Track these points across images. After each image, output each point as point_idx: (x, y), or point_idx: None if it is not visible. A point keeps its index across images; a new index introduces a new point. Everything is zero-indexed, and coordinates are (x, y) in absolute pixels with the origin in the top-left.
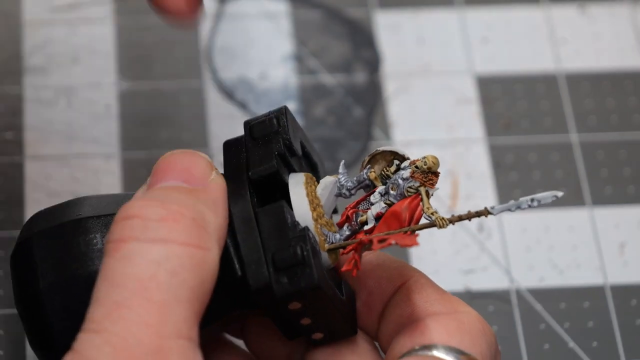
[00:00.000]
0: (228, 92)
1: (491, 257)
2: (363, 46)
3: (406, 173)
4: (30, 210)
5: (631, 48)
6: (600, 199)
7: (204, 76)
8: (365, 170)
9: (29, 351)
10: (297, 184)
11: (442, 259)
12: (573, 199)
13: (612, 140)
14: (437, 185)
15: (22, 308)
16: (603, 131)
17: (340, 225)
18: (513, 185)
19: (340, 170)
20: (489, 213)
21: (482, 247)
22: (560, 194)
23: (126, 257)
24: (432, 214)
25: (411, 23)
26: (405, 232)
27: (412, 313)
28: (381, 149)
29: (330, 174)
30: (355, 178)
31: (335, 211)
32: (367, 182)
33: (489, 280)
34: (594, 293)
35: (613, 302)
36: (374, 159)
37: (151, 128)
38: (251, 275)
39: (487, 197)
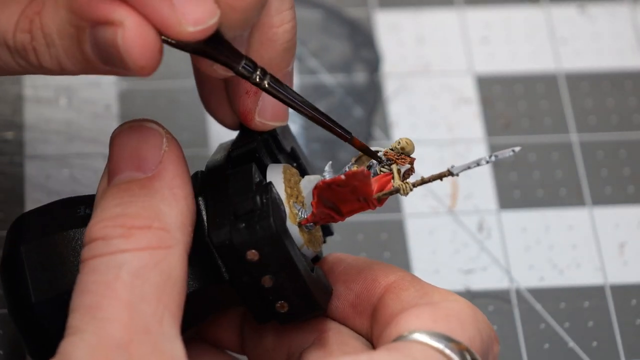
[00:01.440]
0: None
1: (491, 257)
2: (363, 46)
3: (380, 154)
4: None
5: (631, 48)
6: (600, 199)
7: None
8: (348, 165)
9: None
10: (276, 167)
11: (442, 259)
12: (573, 199)
13: (612, 140)
14: (410, 167)
15: (16, 319)
16: (603, 131)
17: (313, 205)
18: (513, 185)
19: (326, 168)
20: (450, 173)
21: (482, 247)
22: (517, 148)
23: (92, 269)
24: (399, 185)
25: (411, 23)
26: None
27: (402, 309)
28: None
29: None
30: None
31: None
32: None
33: (489, 280)
34: (594, 293)
35: (613, 302)
36: (360, 160)
37: None
38: (214, 232)
39: (487, 197)
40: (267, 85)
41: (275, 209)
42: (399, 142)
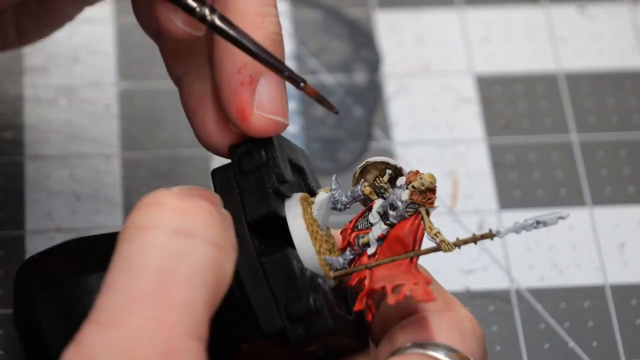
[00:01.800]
0: None
1: (491, 257)
2: (363, 46)
3: (404, 195)
4: (30, 210)
5: (631, 48)
6: (600, 199)
7: None
8: (359, 186)
9: None
10: (295, 218)
11: (442, 258)
12: (573, 199)
13: (612, 140)
14: (436, 203)
15: None
16: (603, 131)
17: (342, 250)
18: (513, 185)
19: (333, 186)
20: (494, 236)
21: (482, 247)
22: (566, 214)
23: (147, 246)
24: (435, 235)
25: (411, 23)
26: (411, 258)
27: (406, 307)
28: (371, 160)
29: (327, 175)
30: (349, 193)
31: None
32: (362, 197)
33: (489, 280)
34: (594, 293)
35: (613, 302)
36: (365, 170)
37: (151, 128)
38: (265, 325)
39: (487, 197)
40: (216, 22)
41: (328, 304)
42: (423, 183)
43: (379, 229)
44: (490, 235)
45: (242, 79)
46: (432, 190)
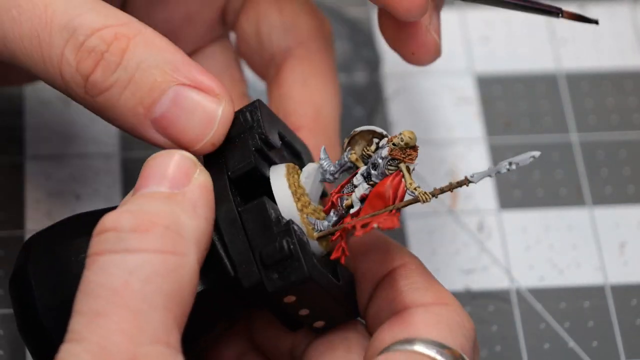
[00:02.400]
0: None
1: (491, 257)
2: (363, 46)
3: (384, 151)
4: (30, 210)
5: (631, 48)
6: (600, 199)
7: None
8: (346, 153)
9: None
10: (278, 177)
11: (442, 258)
12: (573, 199)
13: (612, 140)
14: (416, 160)
15: (25, 333)
16: (603, 131)
17: (327, 212)
18: (513, 185)
19: (322, 155)
20: (469, 182)
21: (482, 247)
22: (537, 153)
23: (101, 268)
24: (414, 189)
25: None
26: (390, 210)
27: (395, 299)
28: (359, 129)
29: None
30: (337, 162)
31: (324, 194)
32: (349, 164)
33: (489, 280)
34: (594, 293)
35: (613, 302)
36: (353, 140)
37: None
38: (242, 276)
39: (487, 197)
40: None
41: (303, 250)
42: (402, 137)
43: (362, 189)
44: (465, 182)
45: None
46: (412, 147)
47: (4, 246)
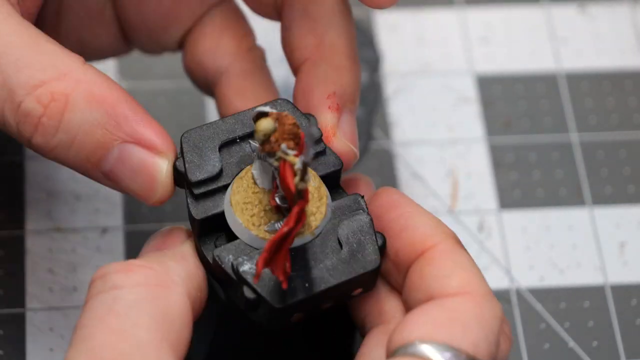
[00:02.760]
0: None
1: (491, 256)
2: (363, 46)
3: (255, 157)
4: (30, 210)
5: (631, 48)
6: (600, 199)
7: None
8: (255, 161)
9: (29, 351)
10: (227, 209)
11: None
12: (573, 199)
13: (612, 140)
14: (300, 142)
15: None
16: (603, 131)
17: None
18: (513, 185)
19: (253, 145)
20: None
21: (482, 247)
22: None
23: (89, 308)
24: (296, 185)
25: (411, 23)
26: (294, 201)
27: (416, 290)
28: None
29: None
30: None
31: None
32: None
33: (489, 280)
34: (594, 293)
35: (613, 302)
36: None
37: None
38: (251, 317)
39: (487, 197)
40: None
41: (264, 287)
42: (257, 135)
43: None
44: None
45: (331, 104)
46: (267, 135)
47: (4, 246)
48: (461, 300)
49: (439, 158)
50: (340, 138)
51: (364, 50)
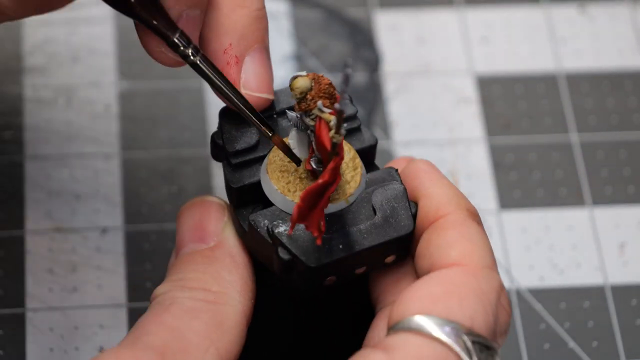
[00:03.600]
0: None
1: None
2: (363, 46)
3: (293, 114)
4: (30, 210)
5: (631, 48)
6: (600, 199)
7: None
8: (295, 115)
9: (29, 351)
10: (264, 177)
11: None
12: (573, 199)
13: (612, 140)
14: (332, 95)
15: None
16: (603, 131)
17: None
18: (513, 185)
19: (290, 115)
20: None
21: None
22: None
23: (148, 309)
24: (332, 137)
25: (411, 23)
26: (330, 157)
27: (421, 261)
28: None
29: None
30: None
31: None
32: (299, 116)
33: None
34: (594, 293)
35: (613, 302)
36: (304, 102)
37: (151, 128)
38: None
39: (487, 197)
40: (198, 62)
41: (299, 248)
42: (293, 93)
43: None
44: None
45: (229, 59)
46: (304, 92)
47: (4, 246)
48: (458, 272)
49: (439, 158)
50: (244, 93)
51: (364, 50)
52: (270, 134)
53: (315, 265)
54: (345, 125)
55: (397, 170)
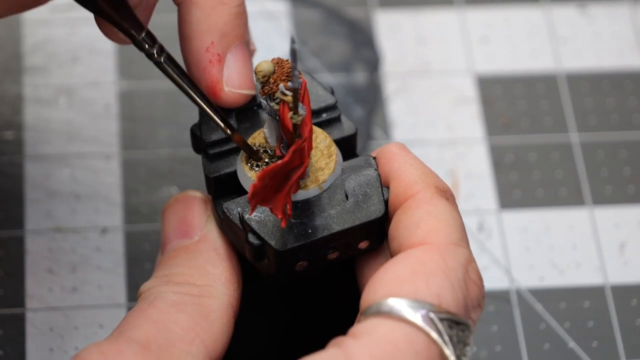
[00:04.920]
0: None
1: (491, 257)
2: (363, 46)
3: (259, 97)
4: (30, 210)
5: (631, 48)
6: (600, 199)
7: None
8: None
9: (29, 351)
10: (239, 167)
11: None
12: (573, 199)
13: (612, 140)
14: (287, 81)
15: None
16: (603, 131)
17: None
18: (513, 185)
19: (261, 102)
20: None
21: (482, 247)
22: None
23: (135, 306)
24: (291, 117)
25: (411, 23)
26: (294, 139)
27: (395, 238)
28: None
29: None
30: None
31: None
32: (266, 101)
33: (489, 280)
34: (594, 293)
35: (613, 302)
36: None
37: (151, 128)
38: (260, 271)
39: (487, 197)
40: (162, 61)
41: (268, 233)
42: (256, 76)
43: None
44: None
45: (211, 57)
46: (266, 75)
47: (4, 246)
48: (424, 251)
49: (439, 158)
50: (227, 90)
51: (364, 50)
52: (231, 133)
53: (283, 249)
54: (324, 115)
55: (374, 157)
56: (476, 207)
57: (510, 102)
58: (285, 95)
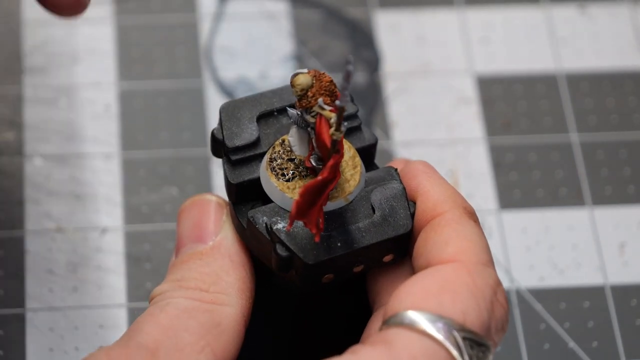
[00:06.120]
0: (228, 92)
1: None
2: (363, 46)
3: (293, 110)
4: (30, 210)
5: (631, 48)
6: (600, 199)
7: (204, 76)
8: (295, 112)
9: (29, 351)
10: (263, 174)
11: None
12: (573, 199)
13: (612, 140)
14: (333, 92)
15: None
16: (603, 131)
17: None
18: (513, 185)
19: (290, 112)
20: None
21: None
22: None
23: (146, 311)
24: (332, 134)
25: (411, 23)
26: (330, 154)
27: (417, 258)
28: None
29: None
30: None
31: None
32: (299, 113)
33: None
34: (594, 293)
35: (613, 302)
36: (305, 99)
37: (151, 128)
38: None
39: (487, 197)
40: None
41: (297, 245)
42: (294, 90)
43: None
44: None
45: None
46: (305, 89)
47: (4, 246)
48: (453, 268)
49: (439, 158)
50: None
51: (364, 50)
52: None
53: (313, 263)
54: (345, 123)
55: (396, 169)
56: (476, 207)
57: (510, 103)
58: (323, 109)
